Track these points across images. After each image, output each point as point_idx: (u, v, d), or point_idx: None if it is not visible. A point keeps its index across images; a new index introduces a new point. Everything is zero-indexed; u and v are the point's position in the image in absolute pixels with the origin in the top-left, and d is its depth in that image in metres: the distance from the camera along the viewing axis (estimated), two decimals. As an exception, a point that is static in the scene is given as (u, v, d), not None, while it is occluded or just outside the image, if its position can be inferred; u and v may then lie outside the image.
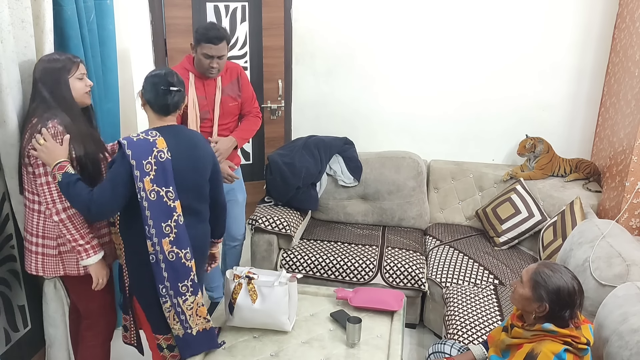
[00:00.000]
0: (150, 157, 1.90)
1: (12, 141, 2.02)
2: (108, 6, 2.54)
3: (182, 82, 2.03)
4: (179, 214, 1.97)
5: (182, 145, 2.00)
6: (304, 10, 3.65)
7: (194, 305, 2.05)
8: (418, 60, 3.61)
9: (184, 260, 1.99)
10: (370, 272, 3.00)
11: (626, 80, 2.99)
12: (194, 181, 2.04)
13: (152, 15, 3.48)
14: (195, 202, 2.07)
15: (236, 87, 2.75)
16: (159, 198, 1.92)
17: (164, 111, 2.01)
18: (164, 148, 1.93)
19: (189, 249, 2.00)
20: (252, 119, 2.85)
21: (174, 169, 1.94)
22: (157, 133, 1.95)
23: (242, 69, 2.83)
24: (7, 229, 2.24)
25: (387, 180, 3.43)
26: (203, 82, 2.66)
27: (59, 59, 2.04)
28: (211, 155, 2.14)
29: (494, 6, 3.43)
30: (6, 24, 1.91)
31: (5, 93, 1.94)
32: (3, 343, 2.27)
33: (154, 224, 1.93)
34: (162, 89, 1.96)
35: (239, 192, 3.01)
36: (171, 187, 1.94)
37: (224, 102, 2.71)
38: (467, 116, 3.66)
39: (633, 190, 2.74)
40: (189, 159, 2.01)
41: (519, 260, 3.06)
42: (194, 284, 2.03)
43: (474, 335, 2.37)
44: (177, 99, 2.01)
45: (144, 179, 1.89)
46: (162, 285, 1.98)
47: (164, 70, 2.03)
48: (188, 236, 2.00)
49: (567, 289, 1.71)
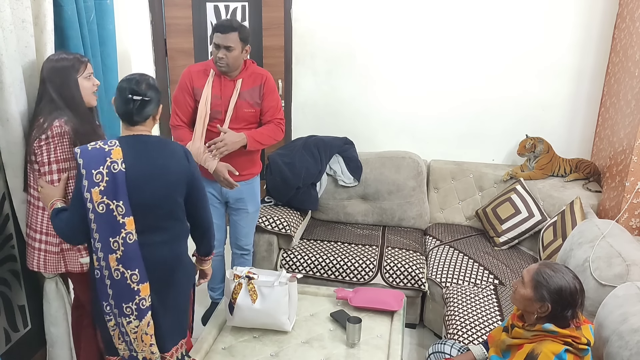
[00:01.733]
0: (102, 167, 1.77)
1: (15, 139, 2.03)
2: (108, 6, 2.54)
3: (153, 90, 1.86)
4: (128, 231, 1.80)
5: (143, 157, 1.84)
6: (304, 10, 3.65)
7: (139, 331, 1.88)
8: (418, 60, 3.61)
9: (129, 282, 1.83)
10: (370, 272, 3.00)
11: (626, 80, 2.99)
12: (155, 198, 1.85)
13: (152, 15, 3.48)
14: (159, 221, 1.89)
15: (257, 94, 2.63)
16: (108, 211, 1.78)
17: (127, 120, 1.85)
18: (119, 159, 1.79)
19: (138, 271, 1.83)
20: (272, 126, 2.69)
21: (129, 182, 1.79)
22: (117, 142, 1.82)
23: (271, 77, 2.69)
24: (7, 229, 2.24)
25: (387, 180, 3.43)
26: (221, 80, 2.59)
27: (67, 58, 2.05)
28: (186, 171, 1.92)
29: (494, 6, 3.43)
30: (8, 23, 1.91)
31: (9, 92, 1.94)
32: (3, 343, 2.27)
33: (100, 237, 1.80)
34: (127, 96, 1.82)
35: (250, 202, 2.83)
36: (122, 202, 1.78)
37: (239, 106, 2.59)
38: (467, 116, 3.65)
39: (633, 190, 2.73)
40: (150, 173, 1.84)
41: (519, 260, 3.06)
42: (140, 309, 1.85)
43: (474, 335, 2.37)
44: (143, 108, 1.84)
45: (92, 189, 1.76)
46: (106, 303, 1.87)
47: (137, 76, 1.87)
48: (141, 257, 1.84)
49: (569, 289, 1.71)
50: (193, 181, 1.95)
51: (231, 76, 2.59)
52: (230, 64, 2.52)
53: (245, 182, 2.74)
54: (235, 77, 2.59)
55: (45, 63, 2.04)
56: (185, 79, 2.64)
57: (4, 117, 1.98)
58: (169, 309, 1.97)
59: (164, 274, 1.93)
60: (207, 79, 2.59)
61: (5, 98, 1.95)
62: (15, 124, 2.00)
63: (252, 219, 2.91)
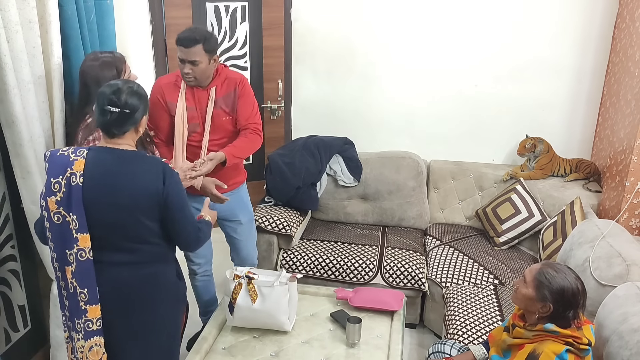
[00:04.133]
0: (62, 177, 1.67)
1: (20, 141, 2.01)
2: (108, 6, 2.53)
3: (136, 98, 1.71)
4: (80, 247, 1.69)
5: (105, 174, 1.70)
6: (304, 10, 3.65)
7: (85, 350, 1.76)
8: (418, 60, 3.61)
9: (79, 299, 1.72)
10: (370, 272, 3.00)
11: (626, 80, 2.99)
12: (115, 217, 1.71)
13: (152, 15, 3.48)
14: (122, 241, 1.75)
15: (231, 100, 2.46)
16: (64, 223, 1.68)
17: (104, 131, 1.73)
18: (79, 172, 1.67)
19: (87, 291, 1.71)
20: (249, 136, 2.48)
21: (86, 197, 1.68)
22: (86, 152, 1.71)
23: (245, 81, 2.51)
24: (7, 229, 2.24)
25: (387, 180, 3.43)
26: (194, 91, 2.42)
27: (110, 61, 2.11)
28: (157, 193, 1.72)
29: (494, 7, 3.43)
30: (13, 23, 1.90)
31: (13, 94, 1.92)
32: (3, 343, 2.27)
33: (55, 247, 1.72)
34: (104, 107, 1.68)
35: (241, 212, 2.68)
36: (76, 216, 1.67)
37: (216, 115, 2.43)
38: (467, 116, 3.65)
39: (633, 190, 2.74)
40: (108, 191, 1.70)
41: (519, 260, 3.06)
42: (85, 330, 1.74)
43: (474, 335, 2.37)
44: (122, 122, 1.70)
45: (48, 198, 1.68)
46: (62, 313, 1.80)
47: (119, 83, 1.73)
48: (94, 277, 1.72)
49: (571, 289, 1.71)
50: (167, 204, 1.75)
51: (204, 85, 2.42)
52: (198, 77, 2.35)
53: (231, 193, 2.58)
54: (208, 86, 2.42)
55: (87, 67, 2.09)
56: (157, 93, 2.46)
57: (9, 119, 1.96)
58: (137, 335, 1.83)
59: (127, 297, 1.79)
60: (180, 91, 2.41)
61: (9, 100, 1.93)
62: (21, 126, 1.99)
63: (247, 230, 2.75)
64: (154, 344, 1.88)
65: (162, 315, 1.89)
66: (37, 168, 2.08)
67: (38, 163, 2.08)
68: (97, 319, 1.75)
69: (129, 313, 1.81)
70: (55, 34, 2.12)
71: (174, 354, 2.00)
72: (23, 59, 1.97)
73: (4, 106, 1.95)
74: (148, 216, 1.74)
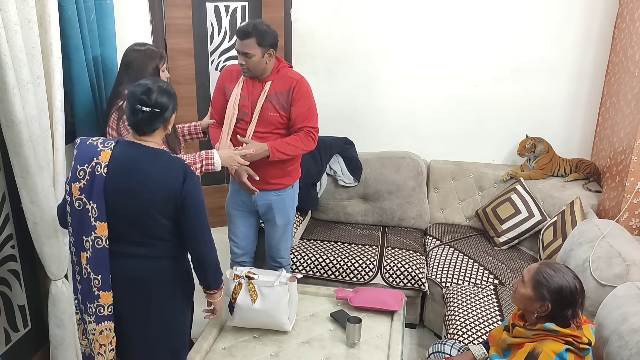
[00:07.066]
0: (87, 166, 1.74)
1: (20, 141, 2.01)
2: (108, 6, 2.53)
3: (165, 97, 1.76)
4: (98, 235, 1.76)
5: (127, 168, 1.76)
6: (304, 10, 3.65)
7: (96, 333, 1.84)
8: (418, 60, 3.61)
9: (92, 284, 1.79)
10: (370, 272, 3.00)
11: (626, 80, 2.99)
12: (131, 211, 1.77)
13: (152, 15, 3.47)
14: (137, 235, 1.81)
15: (284, 98, 2.51)
16: (84, 210, 1.75)
17: (134, 129, 1.79)
18: (104, 162, 1.74)
19: (101, 277, 1.78)
20: (300, 136, 2.56)
21: (107, 188, 1.74)
22: (114, 145, 1.78)
23: (302, 83, 2.55)
24: (7, 229, 2.24)
25: (387, 180, 3.43)
26: (253, 82, 2.53)
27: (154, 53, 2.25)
28: (174, 192, 1.76)
29: (494, 7, 3.43)
30: (12, 23, 1.90)
31: (13, 93, 1.92)
32: (3, 343, 2.27)
33: (74, 232, 1.79)
34: (135, 106, 1.74)
35: (279, 214, 2.69)
36: (96, 205, 1.74)
37: (265, 108, 2.50)
38: (467, 116, 3.65)
39: (633, 190, 2.73)
40: (128, 186, 1.76)
41: (519, 260, 3.06)
42: (97, 315, 1.81)
43: (474, 335, 2.37)
44: (152, 121, 1.76)
45: (72, 184, 1.75)
46: (75, 296, 1.88)
47: (149, 83, 1.77)
48: (108, 265, 1.79)
49: (569, 288, 1.71)
50: (184, 204, 1.78)
51: (260, 78, 2.51)
52: (251, 69, 2.45)
53: (275, 193, 2.64)
54: (264, 80, 2.51)
55: (133, 51, 2.24)
56: (221, 77, 2.63)
57: (9, 119, 1.96)
58: (145, 326, 1.89)
59: (138, 288, 1.85)
60: (240, 78, 2.54)
61: (9, 100, 1.92)
62: (20, 125, 1.98)
63: (281, 232, 2.77)
64: (157, 335, 1.93)
65: (169, 310, 1.93)
66: (37, 168, 2.07)
67: (37, 163, 2.07)
68: (109, 305, 1.82)
69: (136, 304, 1.87)
70: (55, 33, 2.12)
71: (178, 351, 2.02)
72: (22, 58, 1.96)
73: (3, 106, 1.94)
74: (163, 214, 1.78)
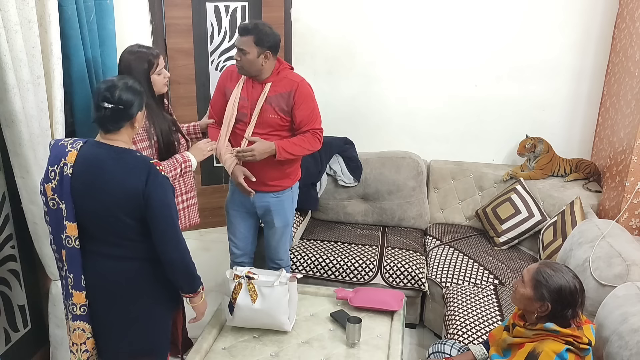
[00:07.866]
0: (56, 166, 1.74)
1: (20, 141, 2.02)
2: (108, 6, 2.53)
3: (130, 94, 1.73)
4: (67, 235, 1.77)
5: (91, 167, 1.74)
6: (304, 10, 3.65)
7: (70, 331, 1.88)
8: (418, 60, 3.61)
9: (68, 282, 1.83)
10: (370, 272, 3.00)
11: (626, 80, 2.99)
12: (97, 211, 1.76)
13: (152, 15, 3.48)
14: (107, 235, 1.80)
15: (285, 100, 2.48)
16: (58, 209, 1.77)
17: (99, 126, 1.76)
18: (70, 162, 1.73)
19: (73, 276, 1.80)
20: (307, 136, 2.55)
21: (74, 188, 1.74)
22: (81, 145, 1.77)
23: (303, 85, 2.52)
24: (7, 229, 2.24)
25: (387, 180, 3.43)
26: (252, 83, 2.51)
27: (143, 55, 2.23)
28: (136, 191, 1.72)
29: (494, 6, 3.43)
30: (12, 23, 1.90)
31: (13, 93, 1.92)
32: (3, 343, 2.27)
33: (52, 230, 1.82)
34: (98, 103, 1.71)
35: (277, 216, 2.68)
36: (65, 206, 1.74)
37: (264, 110, 2.48)
38: (467, 116, 3.65)
39: (633, 190, 2.73)
40: (91, 185, 1.74)
41: (519, 260, 3.05)
42: (73, 314, 1.85)
43: (474, 335, 2.37)
44: (116, 117, 1.73)
45: (46, 184, 1.77)
46: (62, 293, 1.93)
47: (115, 79, 1.76)
48: (80, 265, 1.80)
49: (568, 288, 1.71)
50: (148, 205, 1.73)
51: (260, 79, 2.49)
52: (245, 67, 2.43)
53: (273, 195, 2.64)
54: (264, 81, 2.49)
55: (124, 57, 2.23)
56: (222, 78, 2.64)
57: (9, 119, 1.97)
58: (120, 326, 1.89)
59: (110, 288, 1.84)
60: (240, 79, 2.53)
61: (9, 99, 1.93)
62: (20, 125, 1.99)
63: (280, 234, 2.76)
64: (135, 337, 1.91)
65: (144, 311, 1.90)
66: (37, 168, 2.08)
67: (37, 163, 2.08)
68: (81, 305, 1.83)
69: (111, 304, 1.87)
70: (55, 33, 2.12)
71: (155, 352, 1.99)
72: (22, 58, 1.97)
73: (3, 106, 1.95)
74: (128, 214, 1.75)
